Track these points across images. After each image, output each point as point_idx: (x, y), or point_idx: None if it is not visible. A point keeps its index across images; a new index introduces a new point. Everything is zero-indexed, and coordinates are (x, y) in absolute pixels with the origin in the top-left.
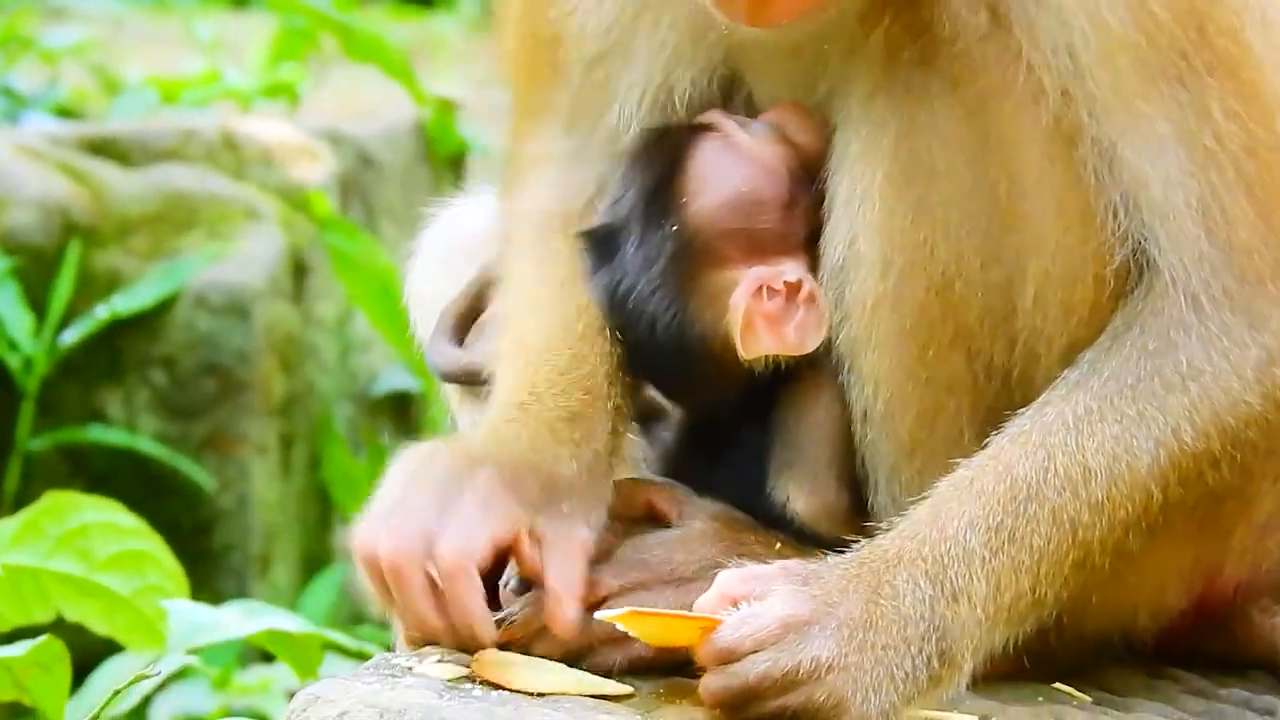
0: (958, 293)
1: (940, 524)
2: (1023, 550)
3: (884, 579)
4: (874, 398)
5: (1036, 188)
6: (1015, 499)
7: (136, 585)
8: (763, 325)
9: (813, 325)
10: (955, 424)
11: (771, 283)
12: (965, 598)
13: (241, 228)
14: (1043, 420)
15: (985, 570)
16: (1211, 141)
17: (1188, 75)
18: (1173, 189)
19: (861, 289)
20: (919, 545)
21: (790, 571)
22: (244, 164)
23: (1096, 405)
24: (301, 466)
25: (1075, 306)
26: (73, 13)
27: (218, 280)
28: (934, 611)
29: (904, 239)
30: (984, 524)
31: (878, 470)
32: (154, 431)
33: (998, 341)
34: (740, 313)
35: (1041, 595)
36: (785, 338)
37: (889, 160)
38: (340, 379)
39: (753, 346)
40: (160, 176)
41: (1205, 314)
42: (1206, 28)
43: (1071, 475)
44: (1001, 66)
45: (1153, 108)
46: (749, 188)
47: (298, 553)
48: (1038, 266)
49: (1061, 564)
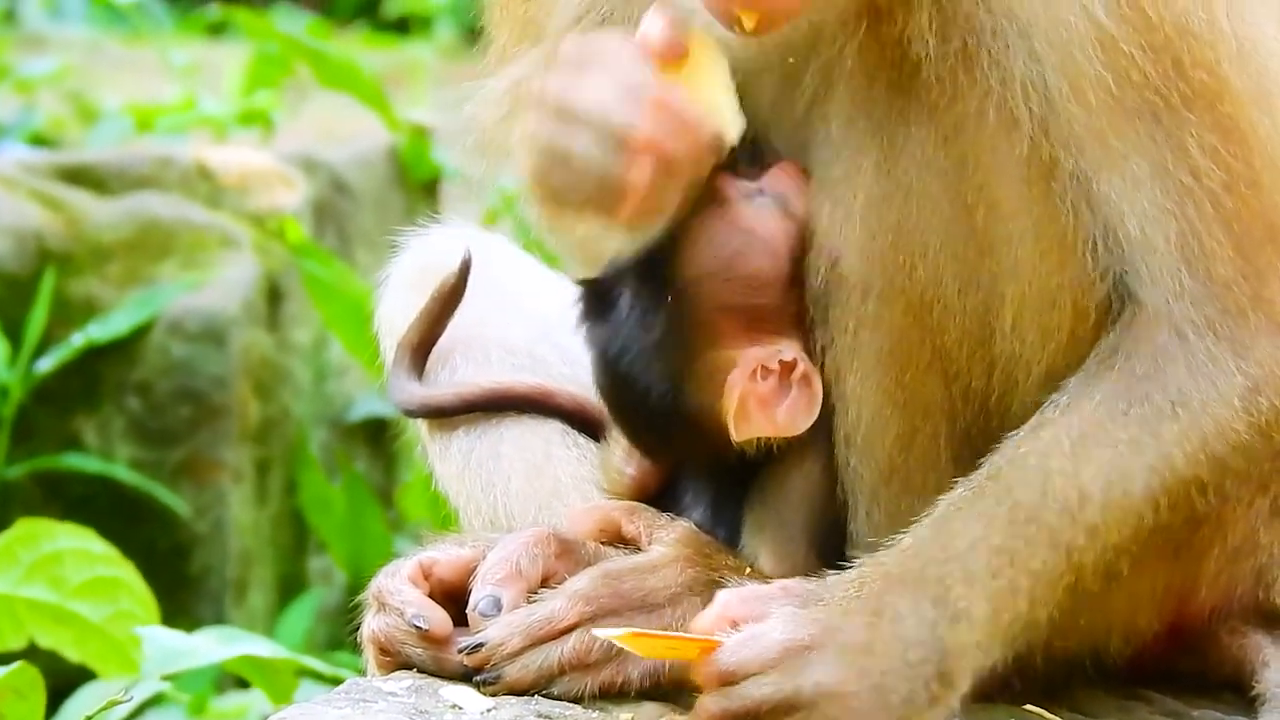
0: (936, 316)
1: (943, 544)
2: (1021, 573)
3: (886, 600)
4: (856, 421)
5: (1013, 213)
6: (1015, 521)
7: (108, 612)
8: (756, 408)
9: (804, 407)
10: (933, 447)
11: (767, 363)
12: (966, 620)
13: (216, 255)
14: (1039, 443)
15: (986, 592)
16: (1188, 178)
17: (1163, 111)
18: (1150, 225)
19: (843, 311)
20: (922, 565)
21: (791, 592)
22: (219, 191)
23: (1091, 430)
24: (277, 492)
25: (1053, 332)
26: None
27: (193, 307)
28: (935, 634)
29: (884, 261)
30: (985, 545)
31: (857, 494)
32: (130, 458)
33: (976, 365)
34: (735, 397)
35: (1035, 617)
36: (776, 420)
37: (870, 184)
38: (315, 405)
39: (745, 430)
40: (135, 204)
41: (1190, 343)
42: (1182, 61)
43: (1069, 498)
44: (976, 96)
45: (1128, 144)
46: (751, 266)
47: (273, 578)
48: (1015, 291)
49: (1056, 586)
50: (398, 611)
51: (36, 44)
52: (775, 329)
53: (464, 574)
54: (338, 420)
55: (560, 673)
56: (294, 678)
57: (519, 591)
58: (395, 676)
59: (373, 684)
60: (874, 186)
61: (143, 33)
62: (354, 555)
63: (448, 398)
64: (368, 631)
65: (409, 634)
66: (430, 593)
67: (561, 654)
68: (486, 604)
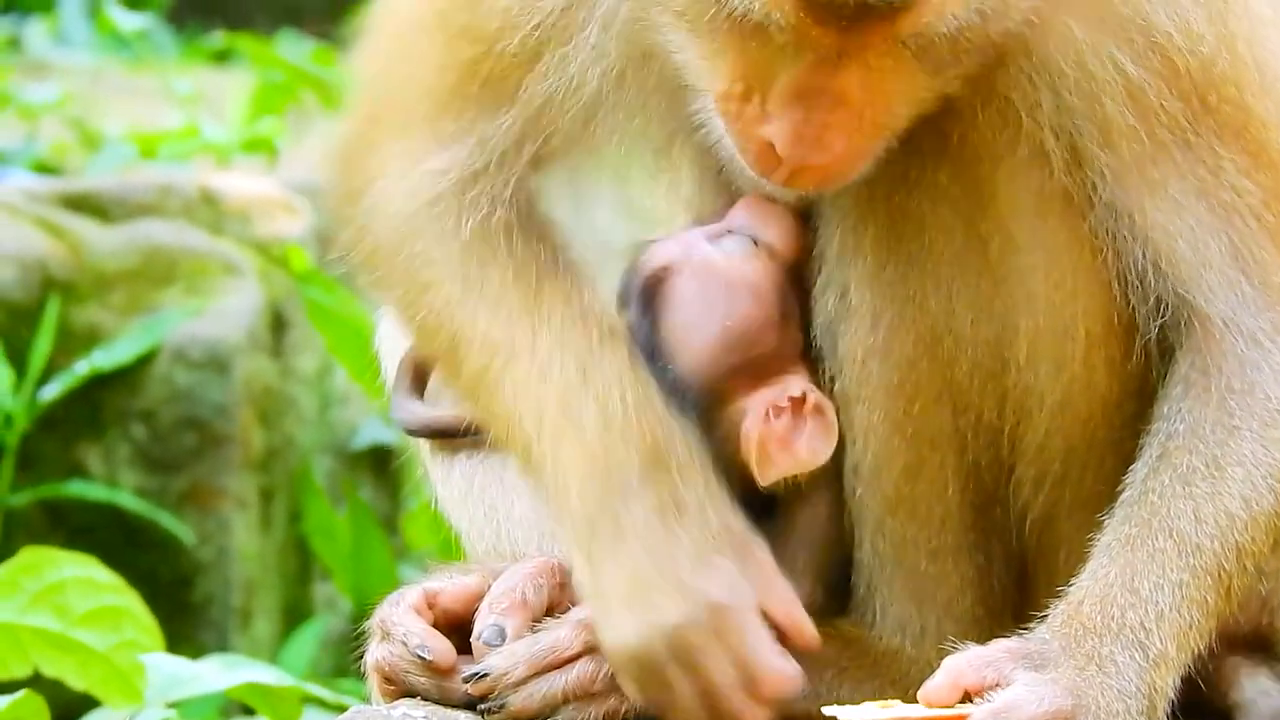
0: (947, 348)
1: (1132, 585)
2: (1195, 607)
3: (1104, 654)
4: (863, 451)
5: (1029, 245)
6: (1184, 553)
7: (113, 640)
8: (775, 449)
9: (822, 436)
10: (940, 478)
11: (777, 402)
12: (1164, 662)
13: (220, 282)
14: (1175, 470)
15: (1174, 631)
16: (1230, 195)
17: (1195, 142)
18: (1201, 242)
19: (852, 341)
20: (1121, 612)
21: (1016, 653)
22: (222, 218)
23: (1217, 451)
24: (281, 520)
25: (1066, 363)
26: (52, 67)
27: (197, 335)
28: (1145, 682)
29: (894, 292)
30: (1167, 583)
31: (862, 524)
32: (134, 486)
33: (987, 397)
34: (754, 443)
35: (1197, 649)
36: (798, 455)
37: (881, 214)
38: (320, 432)
39: (769, 473)
40: (139, 231)
41: (1266, 349)
42: (1208, 99)
43: (1219, 520)
44: (998, 130)
45: (1165, 172)
46: (738, 321)
47: (278, 605)
48: (1029, 323)
49: (1213, 616)
50: (402, 641)
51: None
52: (779, 367)
53: (469, 603)
54: (342, 448)
55: (564, 701)
56: (298, 705)
57: (523, 621)
58: (400, 704)
59: (378, 712)
60: (885, 217)
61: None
62: (358, 583)
63: (450, 418)
64: (372, 660)
65: (413, 663)
66: (434, 622)
67: (565, 683)
68: (491, 633)
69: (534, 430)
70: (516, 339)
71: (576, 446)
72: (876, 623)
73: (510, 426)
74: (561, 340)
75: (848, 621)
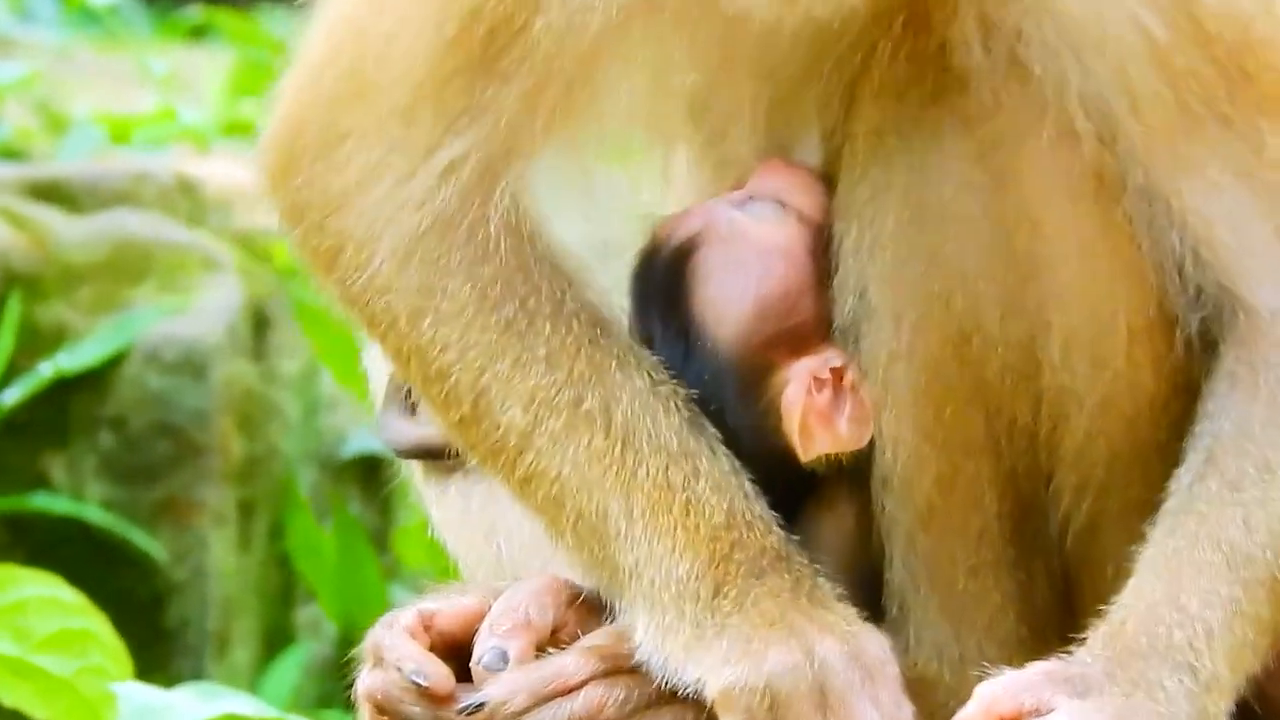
0: (976, 347)
1: (1179, 602)
2: (1249, 623)
3: (1151, 679)
4: (891, 461)
5: (1060, 233)
6: (1234, 565)
7: (77, 666)
8: (817, 424)
9: (862, 416)
10: (975, 489)
11: (819, 373)
12: (1216, 685)
13: (198, 278)
14: (1222, 475)
15: (1226, 650)
16: (1275, 175)
17: (1234, 116)
18: (1243, 228)
19: (874, 344)
20: (1168, 631)
21: (1056, 678)
22: (201, 209)
23: (1269, 453)
24: (262, 536)
25: (1107, 360)
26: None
27: (171, 335)
28: (1196, 707)
29: (917, 290)
30: (1217, 598)
31: (893, 540)
32: (102, 498)
33: (1021, 399)
34: (797, 414)
35: (1252, 669)
36: (840, 432)
37: (899, 205)
38: (305, 441)
39: (811, 448)
40: (109, 223)
41: None
42: (1247, 69)
43: (1272, 530)
44: (1021, 109)
45: (1201, 152)
46: (775, 287)
47: (258, 630)
48: (1063, 318)
49: (1267, 631)
50: (395, 667)
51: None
52: (817, 336)
53: (468, 625)
54: (329, 458)
55: None
56: None
57: (528, 644)
58: None
59: None
60: (904, 208)
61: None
62: (346, 605)
63: (443, 437)
64: (363, 688)
65: (408, 691)
66: (431, 646)
67: (571, 711)
68: (492, 657)
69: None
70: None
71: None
72: (911, 648)
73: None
74: None
75: None
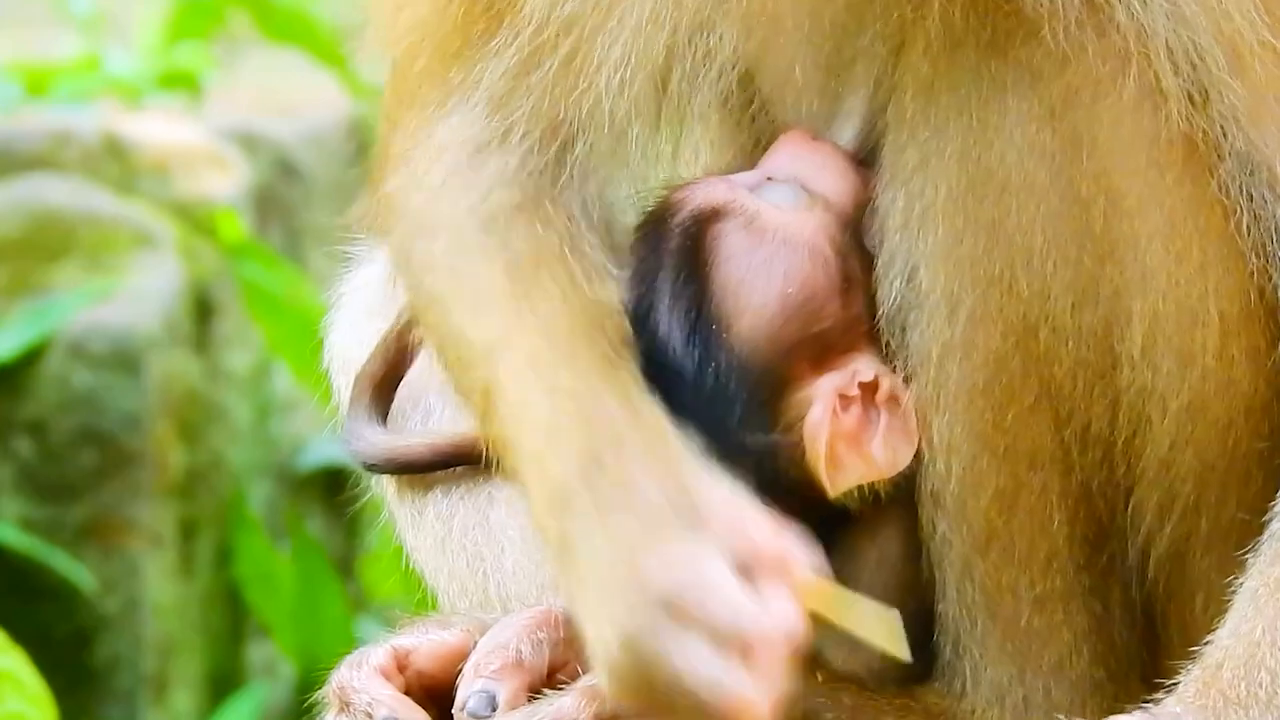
0: (1043, 340)
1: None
2: None
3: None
4: (945, 475)
5: (1142, 207)
6: None
7: None
8: (846, 450)
9: (901, 434)
10: (1042, 507)
11: (846, 390)
12: None
13: (130, 256)
14: None
15: None
16: None
17: None
18: None
19: (924, 336)
20: (1272, 679)
21: None
22: (133, 175)
23: None
24: (207, 561)
25: (1196, 355)
26: None
27: (99, 323)
28: None
29: (975, 272)
30: None
31: (946, 567)
32: (19, 516)
33: (1095, 402)
34: (823, 443)
35: None
36: (874, 459)
37: (954, 172)
38: (256, 450)
39: (840, 481)
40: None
41: None
42: None
43: None
44: (1099, 61)
45: None
46: (799, 289)
47: (202, 672)
48: (1145, 306)
49: None
50: (364, 713)
51: None
52: (845, 346)
53: (449, 664)
54: (285, 470)
55: None
56: None
57: (519, 686)
58: None
59: None
60: (960, 176)
61: None
62: (305, 642)
63: (419, 449)
64: None
65: None
66: (406, 689)
67: None
68: (478, 702)
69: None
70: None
71: (530, 462)
72: (967, 691)
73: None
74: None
75: (931, 691)
